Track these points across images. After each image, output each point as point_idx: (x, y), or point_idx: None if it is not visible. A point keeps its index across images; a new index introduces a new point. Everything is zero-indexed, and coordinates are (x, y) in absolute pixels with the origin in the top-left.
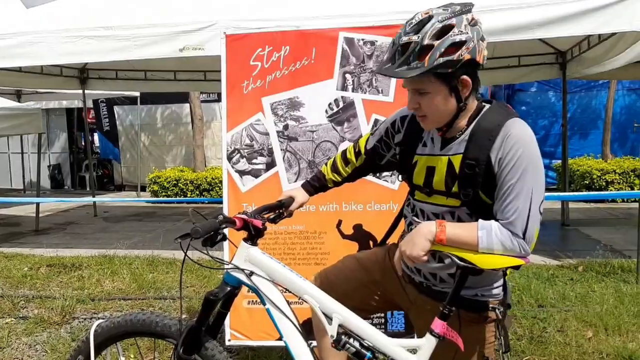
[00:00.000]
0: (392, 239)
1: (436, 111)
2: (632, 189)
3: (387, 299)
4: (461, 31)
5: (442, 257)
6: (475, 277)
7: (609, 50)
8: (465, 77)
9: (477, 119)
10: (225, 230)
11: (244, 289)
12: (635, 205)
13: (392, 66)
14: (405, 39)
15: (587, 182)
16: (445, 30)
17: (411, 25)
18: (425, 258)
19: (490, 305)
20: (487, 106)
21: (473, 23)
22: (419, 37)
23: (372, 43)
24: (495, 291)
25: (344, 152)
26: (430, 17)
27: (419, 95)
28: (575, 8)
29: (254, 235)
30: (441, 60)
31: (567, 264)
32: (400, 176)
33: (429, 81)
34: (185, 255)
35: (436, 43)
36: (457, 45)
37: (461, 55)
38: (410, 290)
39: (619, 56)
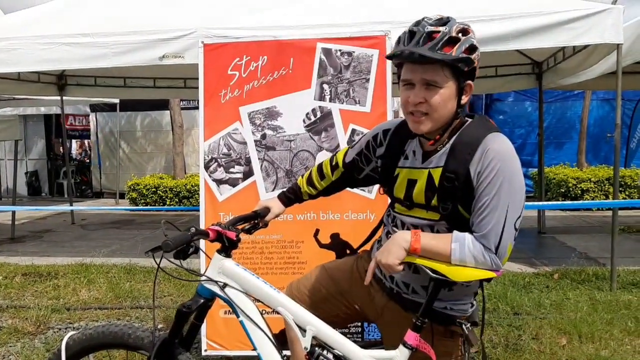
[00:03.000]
0: (367, 247)
1: (441, 108)
2: (607, 197)
3: (355, 310)
4: (474, 38)
5: (417, 268)
6: (448, 292)
7: (583, 61)
8: (470, 82)
9: (458, 133)
10: (202, 242)
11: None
12: (610, 213)
13: (421, 47)
14: (431, 28)
15: (563, 190)
16: (465, 32)
17: (432, 20)
18: (401, 267)
19: (457, 320)
20: (469, 120)
21: None
22: (446, 28)
23: (350, 54)
24: (464, 307)
25: (320, 166)
26: (449, 18)
27: (426, 89)
28: (550, 20)
29: (227, 247)
30: (463, 55)
31: (543, 271)
32: (381, 189)
33: (443, 74)
34: (158, 267)
35: (462, 38)
36: (473, 49)
37: (474, 59)
38: (378, 299)
39: (593, 67)
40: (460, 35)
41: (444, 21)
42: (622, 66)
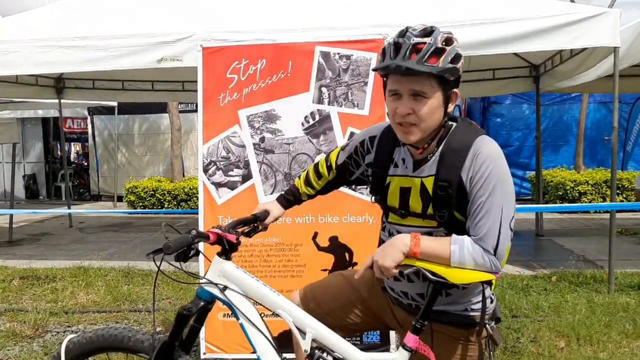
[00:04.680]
0: None
1: (429, 118)
2: (604, 199)
3: (374, 318)
4: (458, 46)
5: (426, 277)
6: (462, 291)
7: (580, 64)
8: (456, 90)
9: (445, 140)
10: (200, 245)
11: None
12: (607, 216)
13: (409, 61)
14: (417, 40)
15: (561, 193)
16: (450, 41)
17: (417, 31)
18: (396, 271)
19: (481, 321)
20: (454, 125)
21: None
22: (431, 40)
23: (348, 57)
24: (480, 305)
25: (316, 166)
26: (432, 28)
27: (414, 100)
28: (547, 24)
29: (227, 250)
30: (450, 65)
31: (541, 274)
32: (373, 198)
33: (430, 85)
34: (159, 270)
35: (448, 48)
36: (458, 58)
37: (459, 68)
38: (398, 312)
39: (590, 70)
40: (445, 45)
41: (428, 31)
42: (619, 69)
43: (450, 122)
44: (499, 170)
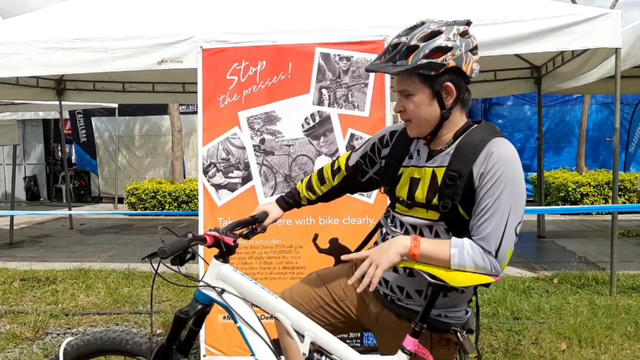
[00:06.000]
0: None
1: (419, 115)
2: (606, 201)
3: (351, 318)
4: (449, 38)
5: (413, 271)
6: (443, 298)
7: (582, 65)
8: (449, 84)
9: (464, 135)
10: (200, 248)
11: None
12: (609, 217)
13: (379, 63)
14: (395, 40)
15: (563, 195)
16: (432, 35)
17: (405, 29)
18: (381, 275)
19: (452, 328)
20: (476, 125)
21: (464, 34)
22: (407, 38)
23: (348, 58)
24: (459, 314)
25: (321, 171)
26: (422, 23)
27: (404, 98)
28: (549, 25)
29: (225, 253)
30: (424, 61)
31: (543, 276)
32: (382, 188)
33: (412, 82)
34: (156, 273)
35: (422, 44)
36: (443, 50)
37: (445, 61)
38: (373, 307)
39: (592, 71)
40: (422, 41)
41: (415, 27)
42: (621, 70)
43: (473, 123)
44: (511, 173)
